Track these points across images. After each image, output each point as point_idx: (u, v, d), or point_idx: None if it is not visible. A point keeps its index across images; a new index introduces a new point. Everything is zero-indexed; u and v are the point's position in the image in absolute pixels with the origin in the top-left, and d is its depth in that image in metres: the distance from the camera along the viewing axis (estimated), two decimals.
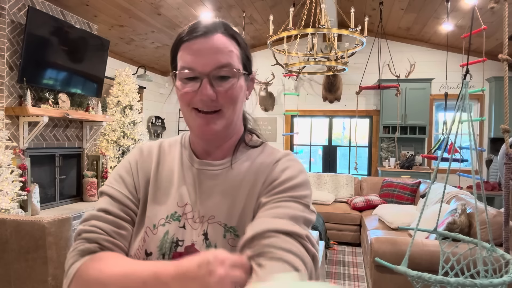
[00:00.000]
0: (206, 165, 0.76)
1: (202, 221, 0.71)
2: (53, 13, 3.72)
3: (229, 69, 0.68)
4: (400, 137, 5.71)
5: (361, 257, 4.12)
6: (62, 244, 2.13)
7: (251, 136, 0.81)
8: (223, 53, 0.68)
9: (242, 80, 0.72)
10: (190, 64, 0.68)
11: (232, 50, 0.69)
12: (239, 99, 0.71)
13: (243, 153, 0.77)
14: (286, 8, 4.93)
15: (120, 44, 5.18)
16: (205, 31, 0.68)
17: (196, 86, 0.68)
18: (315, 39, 4.07)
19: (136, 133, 4.75)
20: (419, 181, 4.72)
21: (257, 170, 0.74)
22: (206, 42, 0.68)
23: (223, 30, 0.70)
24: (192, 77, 0.68)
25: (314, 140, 6.71)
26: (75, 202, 4.21)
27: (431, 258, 2.36)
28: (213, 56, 0.67)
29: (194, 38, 0.68)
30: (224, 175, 0.74)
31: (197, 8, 4.46)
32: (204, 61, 0.67)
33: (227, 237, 0.69)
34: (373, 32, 5.39)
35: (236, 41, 0.71)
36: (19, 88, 3.41)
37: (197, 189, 0.74)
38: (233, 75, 0.69)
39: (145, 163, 0.79)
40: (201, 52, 0.67)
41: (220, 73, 0.68)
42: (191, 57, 0.68)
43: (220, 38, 0.69)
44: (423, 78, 5.75)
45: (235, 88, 0.69)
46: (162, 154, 0.80)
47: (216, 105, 0.69)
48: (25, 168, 3.25)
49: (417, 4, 4.69)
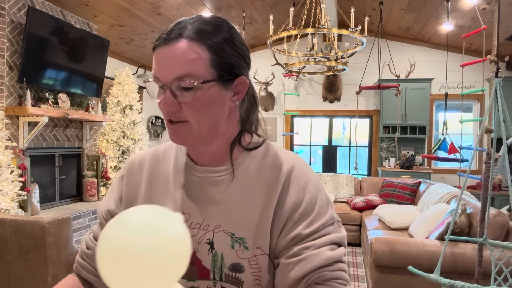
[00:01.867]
0: (208, 172, 0.72)
1: (205, 230, 0.69)
2: (53, 13, 3.72)
3: (190, 80, 0.61)
4: (400, 137, 5.71)
5: (361, 257, 4.12)
6: (62, 244, 2.13)
7: (250, 137, 0.75)
8: (182, 63, 0.61)
9: (216, 88, 0.64)
10: (155, 73, 0.64)
11: (193, 57, 0.61)
12: (209, 109, 0.64)
13: (245, 156, 0.72)
14: (286, 8, 4.93)
15: (120, 44, 5.17)
16: (166, 38, 0.63)
17: (162, 95, 0.65)
18: (315, 39, 4.07)
19: (136, 133, 4.75)
20: (419, 181, 4.72)
21: (268, 179, 0.70)
22: (165, 51, 0.62)
23: (190, 34, 0.62)
24: (161, 86, 0.65)
25: (314, 140, 6.71)
26: (75, 202, 4.21)
27: (431, 258, 2.36)
28: (171, 67, 0.62)
29: (158, 46, 0.64)
30: (228, 181, 0.70)
31: (197, 8, 4.46)
32: (164, 71, 0.63)
33: (235, 248, 0.66)
34: (373, 32, 5.39)
35: (205, 44, 0.62)
36: (19, 88, 3.41)
37: (199, 197, 0.71)
38: (197, 86, 0.62)
39: (133, 177, 0.78)
40: (161, 62, 0.63)
41: (181, 84, 0.62)
42: (154, 66, 0.64)
43: (182, 45, 0.61)
44: (423, 78, 5.75)
45: (201, 99, 0.63)
46: (155, 163, 0.78)
47: (180, 116, 0.64)
48: (25, 168, 3.25)
49: (417, 4, 4.69)
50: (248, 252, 0.66)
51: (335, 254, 0.65)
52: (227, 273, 0.66)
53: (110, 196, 0.79)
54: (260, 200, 0.68)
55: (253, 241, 0.66)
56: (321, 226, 0.67)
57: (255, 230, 0.67)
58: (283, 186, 0.69)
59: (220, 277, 0.66)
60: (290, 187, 0.69)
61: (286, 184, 0.69)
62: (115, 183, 0.80)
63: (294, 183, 0.69)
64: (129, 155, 4.67)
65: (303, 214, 0.67)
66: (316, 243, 0.65)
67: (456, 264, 2.32)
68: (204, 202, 0.70)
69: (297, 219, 0.67)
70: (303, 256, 0.64)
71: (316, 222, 0.67)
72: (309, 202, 0.68)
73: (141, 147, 4.79)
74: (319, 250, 0.64)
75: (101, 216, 0.78)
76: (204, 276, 0.67)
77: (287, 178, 0.70)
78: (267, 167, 0.71)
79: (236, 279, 0.66)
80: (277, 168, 0.71)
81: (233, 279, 0.66)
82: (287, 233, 0.66)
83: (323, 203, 0.69)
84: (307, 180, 0.70)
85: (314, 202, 0.68)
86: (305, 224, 0.66)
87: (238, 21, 5.14)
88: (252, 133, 0.76)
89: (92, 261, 0.75)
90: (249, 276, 0.65)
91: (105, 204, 0.79)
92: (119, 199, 0.78)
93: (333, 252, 0.65)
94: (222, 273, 0.66)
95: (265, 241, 0.67)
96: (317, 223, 0.67)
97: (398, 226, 3.67)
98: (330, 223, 0.68)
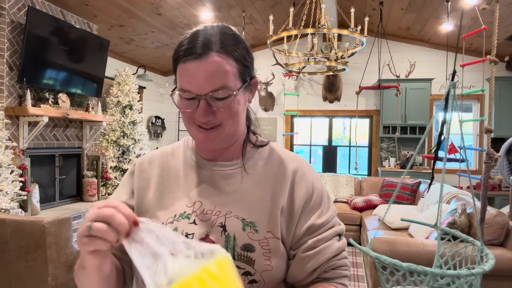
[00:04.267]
0: (219, 166, 0.79)
1: (217, 215, 0.74)
2: (53, 13, 3.72)
3: (225, 91, 0.68)
4: (400, 137, 5.71)
5: (361, 257, 4.12)
6: (62, 244, 2.13)
7: (256, 137, 0.84)
8: (218, 76, 0.67)
9: (241, 92, 0.72)
10: (187, 87, 0.68)
11: (227, 70, 0.68)
12: (239, 112, 0.72)
13: (254, 152, 0.81)
14: (286, 8, 4.93)
15: (120, 44, 5.18)
16: (199, 53, 0.67)
17: (195, 105, 0.69)
18: (315, 39, 4.07)
19: (136, 133, 4.75)
20: (419, 181, 4.72)
21: (276, 174, 0.78)
22: (200, 65, 0.66)
23: (218, 48, 0.67)
24: (192, 98, 0.69)
25: (314, 140, 6.71)
26: (75, 202, 4.21)
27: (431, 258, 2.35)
28: (207, 80, 0.67)
29: (189, 61, 0.67)
30: (239, 174, 0.78)
31: (197, 8, 4.46)
32: (199, 84, 0.67)
33: (246, 230, 0.72)
34: (373, 32, 5.39)
35: (232, 56, 0.69)
36: (19, 88, 3.41)
37: (210, 188, 0.77)
38: (230, 95, 0.69)
39: (144, 172, 0.83)
40: (195, 76, 0.67)
41: (216, 95, 0.68)
42: (187, 80, 0.68)
43: (214, 59, 0.67)
44: (423, 78, 5.75)
45: (233, 105, 0.70)
46: (166, 159, 0.83)
47: (215, 122, 0.70)
48: (25, 168, 3.25)
49: (417, 4, 4.69)
50: (259, 235, 0.72)
51: (341, 244, 0.77)
52: (239, 252, 0.71)
53: (121, 191, 0.84)
54: (269, 191, 0.76)
55: (263, 226, 0.73)
56: (330, 218, 0.78)
57: (265, 216, 0.74)
58: (292, 182, 0.78)
59: (233, 256, 0.70)
60: (299, 183, 0.78)
61: (295, 180, 0.78)
62: (125, 179, 0.85)
63: (303, 180, 0.78)
64: (129, 155, 4.67)
65: (313, 206, 0.77)
66: (327, 235, 0.76)
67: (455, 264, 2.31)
68: (215, 192, 0.76)
69: (309, 211, 0.76)
70: (318, 250, 0.74)
71: (325, 213, 0.77)
72: (317, 196, 0.78)
73: (141, 147, 4.80)
74: (329, 243, 0.76)
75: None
76: None
77: (295, 175, 0.78)
78: (274, 163, 0.80)
79: (248, 258, 0.71)
80: (284, 164, 0.80)
81: (245, 258, 0.71)
82: (303, 223, 0.76)
83: (327, 198, 0.81)
84: (313, 178, 0.80)
85: (321, 196, 0.79)
86: (316, 215, 0.76)
87: (238, 21, 5.14)
88: (256, 133, 0.85)
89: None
90: (260, 256, 0.71)
91: (117, 197, 0.83)
92: (131, 193, 0.82)
93: (339, 243, 0.77)
94: (235, 252, 0.71)
95: (276, 226, 0.74)
96: (326, 215, 0.77)
97: (398, 226, 3.67)
98: (335, 215, 0.80)
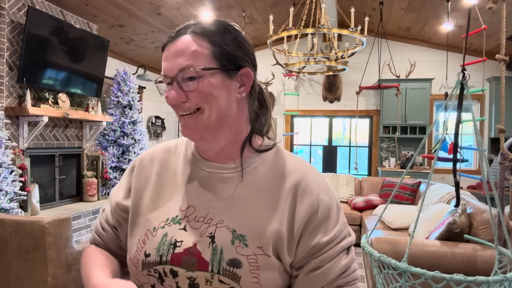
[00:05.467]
0: (218, 168, 0.75)
1: (209, 223, 0.71)
2: (53, 13, 3.72)
3: (190, 70, 0.66)
4: (400, 137, 5.71)
5: (361, 257, 4.12)
6: (62, 244, 2.13)
7: (262, 140, 0.78)
8: (185, 55, 0.67)
9: (219, 76, 0.68)
10: (163, 71, 0.69)
11: (195, 49, 0.67)
12: (216, 97, 0.68)
13: (255, 156, 0.75)
14: (286, 8, 4.93)
15: (120, 44, 5.17)
16: (173, 36, 0.69)
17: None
18: (315, 39, 4.07)
19: (136, 133, 4.75)
20: (419, 181, 4.72)
21: (277, 184, 0.73)
22: (171, 47, 0.69)
23: (192, 30, 0.68)
24: (168, 82, 0.70)
25: (314, 140, 6.71)
26: (75, 202, 4.20)
27: (431, 258, 2.35)
28: (175, 60, 0.67)
29: (166, 45, 0.70)
30: (236, 179, 0.73)
31: (197, 8, 4.46)
32: (170, 65, 0.68)
33: (235, 244, 0.68)
34: (373, 32, 5.39)
35: (207, 38, 0.68)
36: (18, 88, 3.41)
37: (206, 191, 0.74)
38: (199, 75, 0.66)
39: (143, 169, 0.81)
40: (168, 57, 0.69)
41: (185, 75, 0.67)
42: (163, 64, 0.69)
43: (185, 40, 0.67)
44: (423, 78, 5.75)
45: (204, 85, 0.67)
46: (167, 156, 0.82)
47: (191, 106, 0.68)
48: (25, 168, 3.25)
49: (417, 4, 4.69)
50: (248, 250, 0.68)
51: (348, 260, 0.72)
52: (225, 267, 0.67)
53: (120, 187, 0.84)
54: (267, 203, 0.71)
55: (253, 240, 0.68)
56: (337, 232, 0.71)
57: (257, 231, 0.69)
58: (294, 196, 0.71)
59: (218, 270, 0.67)
60: (302, 197, 0.71)
61: (298, 194, 0.72)
62: (125, 175, 0.85)
63: (307, 193, 0.72)
64: (129, 155, 4.67)
65: (318, 223, 0.70)
66: (332, 253, 0.70)
67: (456, 264, 2.31)
68: (210, 196, 0.73)
69: (313, 228, 0.70)
70: (322, 270, 0.69)
71: (331, 229, 0.71)
72: (323, 210, 0.71)
73: (141, 147, 4.79)
74: (335, 261, 0.70)
75: (111, 203, 0.84)
76: (202, 267, 0.68)
77: (297, 188, 0.72)
78: (277, 172, 0.74)
79: (234, 274, 0.67)
80: (287, 174, 0.73)
81: (230, 274, 0.67)
82: (306, 242, 0.70)
83: (336, 210, 0.73)
84: (319, 189, 0.73)
85: (328, 210, 0.72)
86: (322, 233, 0.70)
87: (238, 21, 5.14)
88: (264, 136, 0.79)
89: (107, 240, 0.85)
90: (246, 273, 0.67)
91: (116, 194, 0.84)
92: (127, 191, 0.81)
93: (347, 260, 0.71)
94: (220, 266, 0.67)
95: (268, 243, 0.68)
96: (334, 231, 0.71)
97: (398, 226, 3.66)
98: (344, 228, 0.73)
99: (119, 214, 0.81)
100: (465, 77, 1.30)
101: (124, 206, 0.80)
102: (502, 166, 1.83)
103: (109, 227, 0.84)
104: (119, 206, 0.81)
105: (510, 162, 1.87)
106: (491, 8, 2.07)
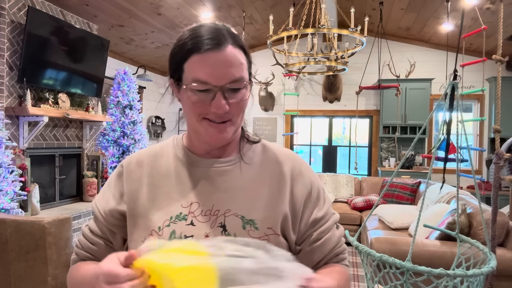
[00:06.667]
0: (215, 163, 0.78)
1: (216, 215, 0.74)
2: (53, 13, 3.72)
3: (241, 82, 0.70)
4: (400, 137, 5.71)
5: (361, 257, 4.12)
6: (62, 244, 2.13)
7: (248, 133, 0.86)
8: (236, 67, 0.69)
9: (248, 88, 0.74)
10: (205, 78, 0.68)
11: (242, 62, 0.71)
12: (245, 107, 0.75)
13: (248, 148, 0.82)
14: (286, 8, 4.93)
15: (120, 44, 5.17)
16: (216, 43, 0.68)
17: (208, 97, 0.69)
18: (315, 39, 4.07)
19: (136, 133, 4.75)
20: (419, 181, 4.72)
21: (272, 170, 0.80)
22: (219, 55, 0.68)
23: (232, 42, 0.70)
24: (204, 89, 0.69)
25: (314, 140, 6.71)
26: (75, 202, 4.21)
27: (431, 258, 2.36)
28: (227, 70, 0.68)
29: (207, 51, 0.68)
30: (236, 170, 0.78)
31: (197, 8, 4.46)
32: (218, 75, 0.68)
33: (246, 228, 0.73)
34: (373, 32, 5.39)
35: (243, 51, 0.73)
36: (19, 88, 3.41)
37: (207, 186, 0.76)
38: (244, 87, 0.71)
39: (132, 173, 0.81)
40: (215, 66, 0.68)
41: (233, 86, 0.69)
42: (205, 71, 0.68)
43: (231, 51, 0.69)
44: (423, 78, 5.75)
45: (246, 98, 0.73)
46: (154, 159, 0.82)
47: (228, 116, 0.71)
48: (25, 168, 3.25)
49: (417, 4, 4.69)
50: (259, 232, 0.73)
51: (340, 232, 0.85)
52: None
53: (108, 194, 0.81)
54: (268, 189, 0.77)
55: (263, 223, 0.74)
56: (328, 208, 0.83)
57: (264, 213, 0.75)
58: (292, 180, 0.79)
59: None
60: (298, 180, 0.80)
61: (293, 178, 0.80)
62: (112, 181, 0.83)
63: (301, 177, 0.81)
64: (129, 155, 4.67)
65: (314, 200, 0.81)
66: (328, 225, 0.81)
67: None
68: (212, 190, 0.76)
69: (310, 206, 0.80)
70: (322, 241, 0.79)
71: (324, 206, 0.82)
72: (315, 190, 0.82)
73: (141, 147, 4.80)
74: (331, 233, 0.81)
75: (99, 213, 0.81)
76: None
77: (293, 173, 0.80)
78: (270, 160, 0.82)
79: None
80: (281, 163, 0.81)
81: None
82: (307, 218, 0.79)
83: (323, 190, 0.85)
84: (309, 173, 0.83)
85: (318, 190, 0.82)
86: (317, 209, 0.80)
87: (238, 21, 5.14)
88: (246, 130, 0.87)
89: (99, 255, 0.81)
90: None
91: (104, 202, 0.81)
92: (119, 197, 0.80)
93: (339, 231, 0.84)
94: None
95: (276, 223, 0.75)
96: (325, 206, 0.82)
97: (398, 226, 3.67)
98: (330, 205, 0.85)
99: (111, 222, 0.79)
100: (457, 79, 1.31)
101: (119, 211, 0.78)
102: (496, 166, 1.85)
103: (100, 240, 0.81)
104: (112, 213, 0.79)
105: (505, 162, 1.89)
106: (489, 8, 2.08)
